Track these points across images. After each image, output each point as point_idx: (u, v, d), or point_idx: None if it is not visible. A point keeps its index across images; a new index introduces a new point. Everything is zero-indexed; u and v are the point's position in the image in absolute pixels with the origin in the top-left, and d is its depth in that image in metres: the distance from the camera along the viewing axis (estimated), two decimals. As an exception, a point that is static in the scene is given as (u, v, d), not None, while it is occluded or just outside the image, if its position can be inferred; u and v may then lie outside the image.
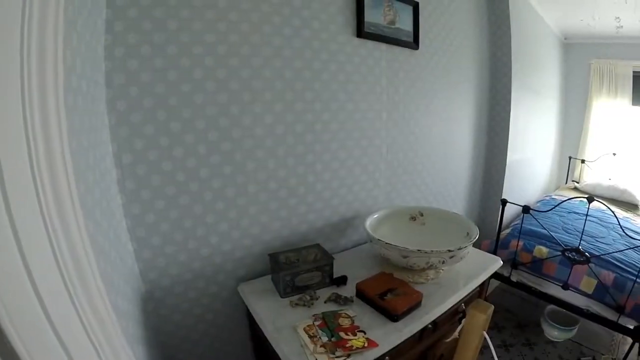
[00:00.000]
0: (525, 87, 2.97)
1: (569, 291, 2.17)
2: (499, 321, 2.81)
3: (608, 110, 4.38)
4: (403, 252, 1.22)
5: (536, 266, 2.32)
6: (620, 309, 2.00)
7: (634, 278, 2.00)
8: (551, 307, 2.51)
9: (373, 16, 1.53)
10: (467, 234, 1.42)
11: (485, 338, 0.92)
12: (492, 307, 0.90)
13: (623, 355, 2.17)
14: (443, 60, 2.02)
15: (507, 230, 2.67)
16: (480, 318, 0.88)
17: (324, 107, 1.42)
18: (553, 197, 3.74)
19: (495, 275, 2.44)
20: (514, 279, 2.44)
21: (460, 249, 1.25)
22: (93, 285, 0.54)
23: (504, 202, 2.36)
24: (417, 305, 1.15)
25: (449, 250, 1.23)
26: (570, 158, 4.75)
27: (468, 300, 1.44)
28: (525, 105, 3.05)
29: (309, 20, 1.32)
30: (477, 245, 2.66)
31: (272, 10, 1.21)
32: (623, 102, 4.24)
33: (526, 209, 2.28)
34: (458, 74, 2.21)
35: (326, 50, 1.39)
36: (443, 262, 1.26)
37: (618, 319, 2.03)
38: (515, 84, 2.63)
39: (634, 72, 4.12)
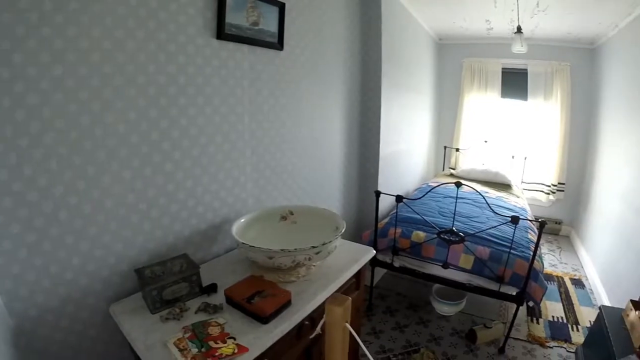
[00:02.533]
0: (397, 85, 3.72)
1: (450, 269, 2.85)
2: (391, 305, 3.49)
3: (479, 103, 5.78)
4: (268, 254, 1.47)
5: (416, 250, 2.96)
6: (499, 279, 2.71)
7: (508, 250, 2.72)
8: (438, 285, 3.20)
9: (235, 17, 1.81)
10: (337, 228, 1.74)
11: (350, 330, 1.16)
12: (350, 299, 1.13)
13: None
14: (311, 60, 2.43)
15: (386, 220, 3.31)
16: (337, 312, 1.08)
17: (181, 113, 1.64)
18: (430, 184, 4.58)
19: (379, 263, 3.09)
20: (396, 264, 3.06)
21: (324, 244, 1.53)
22: None
23: (378, 194, 2.94)
24: (286, 304, 1.40)
25: (313, 247, 1.50)
26: (445, 147, 6.03)
27: (345, 292, 1.77)
28: (398, 102, 3.80)
29: (165, 22, 1.52)
30: (358, 236, 3.35)
31: (127, 13, 1.38)
32: (493, 95, 5.68)
33: (399, 198, 2.89)
34: (328, 73, 2.66)
35: (183, 53, 1.62)
36: (309, 259, 1.53)
37: (499, 288, 2.74)
38: (386, 82, 3.27)
39: (502, 68, 5.57)
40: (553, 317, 3.51)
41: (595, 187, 4.82)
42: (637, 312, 2.38)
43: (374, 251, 2.04)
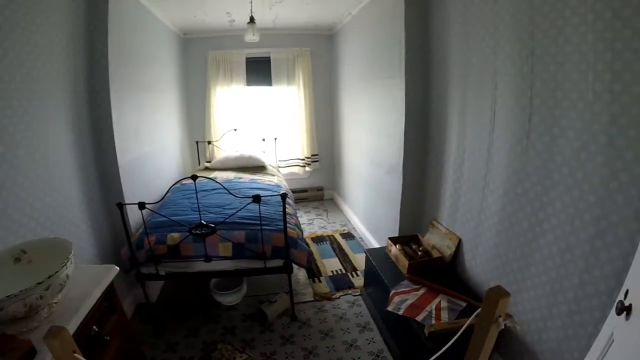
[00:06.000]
0: (131, 86, 3.98)
1: (214, 261, 3.29)
2: (179, 314, 3.82)
3: (226, 93, 6.77)
4: (-6, 307, 1.43)
5: (175, 253, 3.29)
6: (263, 256, 3.27)
7: (260, 228, 3.26)
8: (215, 279, 3.66)
9: None
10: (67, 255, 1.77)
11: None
12: (65, 328, 1.18)
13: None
14: (16, 73, 2.38)
15: (141, 230, 3.50)
16: (55, 345, 1.14)
17: None
18: (183, 182, 4.91)
19: (145, 277, 3.34)
20: (162, 272, 3.36)
21: (50, 276, 1.55)
22: None
23: (120, 206, 3.08)
24: (29, 354, 1.42)
25: (38, 283, 1.50)
26: (197, 142, 6.82)
27: (99, 319, 1.92)
28: (134, 103, 4.09)
29: None
30: (116, 255, 3.53)
31: None
32: (239, 84, 6.74)
33: (141, 206, 3.10)
34: (42, 84, 2.67)
35: None
36: (42, 297, 1.55)
37: (265, 264, 3.33)
38: (115, 84, 3.47)
39: (247, 58, 6.66)
40: (332, 271, 4.56)
41: (345, 152, 6.50)
42: (397, 246, 3.43)
43: (116, 268, 2.14)
